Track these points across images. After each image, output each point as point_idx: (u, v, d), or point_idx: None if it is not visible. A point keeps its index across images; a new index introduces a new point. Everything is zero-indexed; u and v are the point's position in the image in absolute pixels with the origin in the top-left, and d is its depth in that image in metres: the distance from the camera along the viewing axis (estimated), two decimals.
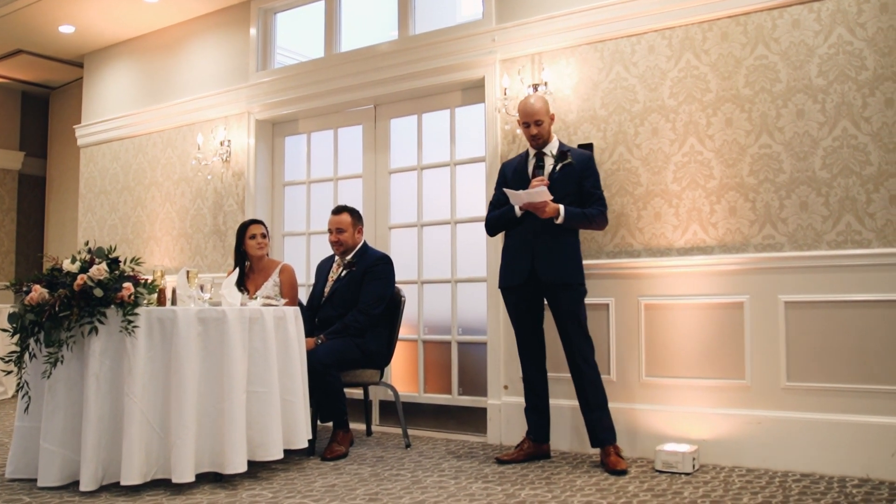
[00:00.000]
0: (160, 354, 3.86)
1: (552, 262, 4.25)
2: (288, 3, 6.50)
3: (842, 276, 4.08)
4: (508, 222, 4.40)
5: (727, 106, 4.43)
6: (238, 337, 3.98)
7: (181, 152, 6.93)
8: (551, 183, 4.26)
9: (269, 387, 4.07)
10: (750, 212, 4.33)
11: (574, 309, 4.26)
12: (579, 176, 4.32)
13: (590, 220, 4.28)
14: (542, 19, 5.02)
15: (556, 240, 4.26)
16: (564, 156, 4.35)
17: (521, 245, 4.33)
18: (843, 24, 4.18)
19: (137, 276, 4.01)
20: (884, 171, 4.03)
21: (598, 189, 4.36)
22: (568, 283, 4.26)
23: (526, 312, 4.42)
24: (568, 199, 4.27)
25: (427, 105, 5.80)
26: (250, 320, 4.09)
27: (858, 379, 4.02)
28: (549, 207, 4.18)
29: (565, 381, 4.59)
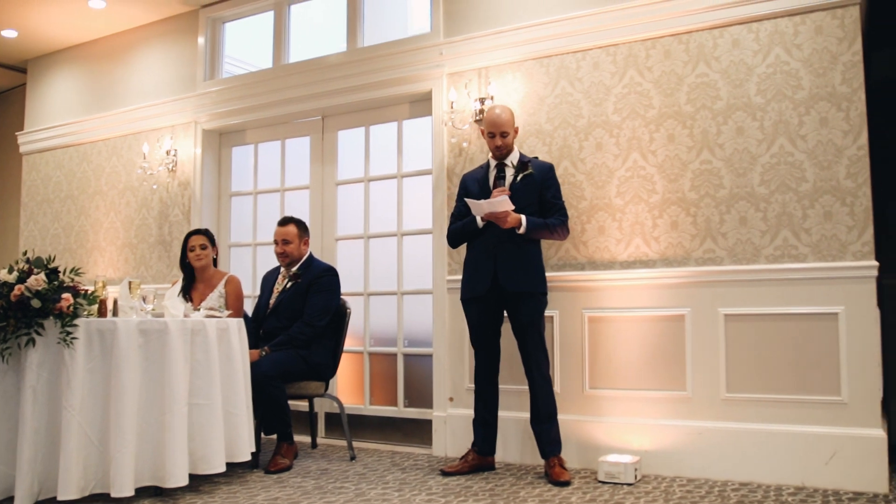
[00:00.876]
0: (100, 366, 3.80)
1: (515, 271, 4.27)
2: (237, 13, 6.47)
3: (779, 290, 4.18)
4: (470, 233, 4.42)
5: (669, 122, 4.52)
6: (180, 349, 3.93)
7: (126, 161, 6.83)
8: (512, 193, 4.29)
9: (212, 399, 4.03)
10: (691, 226, 4.41)
11: (535, 319, 4.29)
12: (540, 186, 4.37)
13: (551, 229, 4.32)
14: (489, 34, 5.07)
15: (518, 249, 4.29)
16: (525, 166, 4.39)
17: (484, 255, 4.35)
18: (780, 44, 4.29)
19: (77, 287, 3.94)
20: (819, 187, 4.13)
21: (559, 199, 4.41)
22: (530, 293, 4.28)
23: (487, 324, 4.41)
24: (529, 209, 4.31)
25: (375, 117, 5.81)
26: (192, 332, 4.04)
27: (794, 390, 4.11)
28: (510, 217, 4.21)
29: (512, 393, 4.63)
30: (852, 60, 4.14)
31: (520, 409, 4.68)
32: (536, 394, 4.28)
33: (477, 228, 4.36)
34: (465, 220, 4.42)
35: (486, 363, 4.44)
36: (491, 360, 4.45)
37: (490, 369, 4.45)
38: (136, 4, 6.49)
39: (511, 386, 4.66)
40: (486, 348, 4.43)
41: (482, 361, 4.45)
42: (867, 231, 4.04)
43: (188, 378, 3.96)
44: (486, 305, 4.37)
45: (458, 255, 5.06)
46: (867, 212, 4.05)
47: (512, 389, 4.68)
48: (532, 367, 4.28)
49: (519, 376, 4.53)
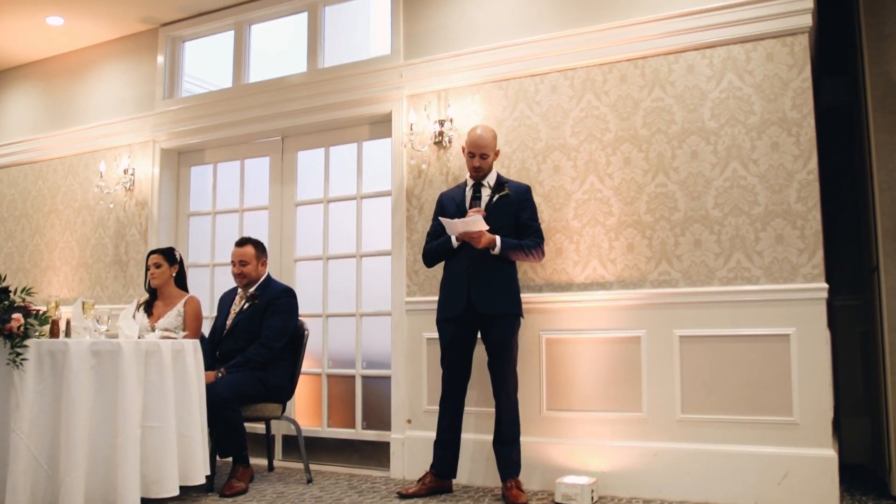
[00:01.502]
0: (50, 388, 3.73)
1: (488, 292, 4.26)
2: (197, 32, 6.44)
3: (732, 312, 4.24)
4: (445, 253, 4.42)
5: (626, 146, 4.57)
6: (133, 370, 3.87)
7: (83, 180, 6.75)
8: (488, 214, 4.30)
9: (165, 421, 3.97)
10: (647, 248, 4.46)
11: (507, 341, 4.27)
12: (516, 208, 4.37)
13: (526, 251, 4.32)
14: (448, 57, 5.11)
15: (492, 270, 4.28)
16: (501, 187, 4.40)
17: (458, 276, 4.34)
18: (733, 70, 4.37)
19: (29, 307, 3.88)
20: (770, 211, 4.21)
21: (534, 221, 4.41)
22: (503, 314, 4.26)
23: (460, 345, 4.37)
24: (504, 230, 4.31)
25: (335, 138, 5.81)
26: (147, 353, 3.99)
27: (748, 410, 4.16)
28: (484, 237, 4.22)
29: (471, 415, 4.64)
30: (802, 87, 4.23)
31: (478, 431, 4.68)
32: (502, 416, 4.27)
33: (452, 248, 4.36)
34: (441, 240, 4.42)
35: (454, 384, 4.40)
36: (460, 381, 4.40)
37: (458, 390, 4.41)
38: (94, 22, 6.44)
39: (472, 408, 4.65)
40: (457, 369, 4.39)
41: (450, 382, 4.40)
42: (817, 254, 4.11)
43: (141, 400, 3.90)
44: (460, 326, 4.34)
45: (418, 277, 5.06)
46: (817, 235, 4.13)
47: (472, 411, 4.67)
48: (501, 388, 4.26)
49: (481, 398, 4.55)
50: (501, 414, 4.28)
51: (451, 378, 4.40)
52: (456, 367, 4.39)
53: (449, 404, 4.41)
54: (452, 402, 4.41)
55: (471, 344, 4.40)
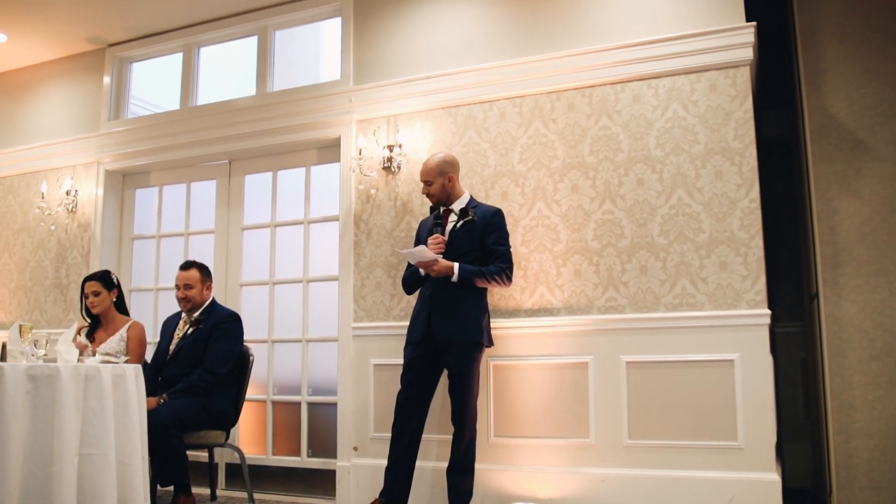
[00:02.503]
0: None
1: (447, 319, 4.21)
2: (145, 53, 6.37)
3: (678, 337, 4.28)
4: (416, 281, 4.40)
5: (573, 173, 4.62)
6: (72, 395, 3.75)
7: (24, 200, 6.60)
8: (452, 240, 4.29)
9: (105, 449, 3.84)
10: (594, 275, 4.50)
11: (464, 368, 4.18)
12: (481, 233, 4.32)
13: (488, 277, 4.24)
14: (398, 83, 5.12)
15: (452, 297, 4.23)
16: (466, 213, 4.36)
17: (422, 302, 4.32)
18: (677, 100, 4.45)
19: None
20: (714, 238, 4.28)
21: (500, 245, 4.32)
22: (461, 341, 4.19)
23: (418, 369, 4.30)
24: (469, 255, 4.27)
25: (283, 162, 5.77)
26: (86, 378, 3.86)
27: (693, 435, 4.19)
28: (437, 265, 4.19)
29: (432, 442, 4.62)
30: (744, 118, 4.33)
31: (429, 458, 4.63)
32: (459, 445, 4.21)
33: (420, 276, 4.35)
34: (411, 269, 4.43)
35: (410, 406, 4.28)
36: (417, 404, 4.30)
37: (414, 413, 4.29)
38: (39, 40, 6.33)
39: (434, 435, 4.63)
40: (413, 390, 4.29)
41: (406, 403, 4.29)
42: (760, 280, 4.19)
43: (79, 426, 3.77)
44: (420, 349, 4.29)
45: (365, 303, 5.03)
46: (760, 262, 4.20)
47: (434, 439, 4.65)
48: (457, 416, 4.20)
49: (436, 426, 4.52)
50: (458, 443, 4.22)
51: (406, 399, 4.30)
52: (413, 388, 4.30)
53: (404, 427, 4.29)
54: (408, 425, 4.29)
55: (431, 369, 4.32)
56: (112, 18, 6.01)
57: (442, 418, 4.59)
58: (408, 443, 4.29)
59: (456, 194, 4.45)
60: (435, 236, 4.32)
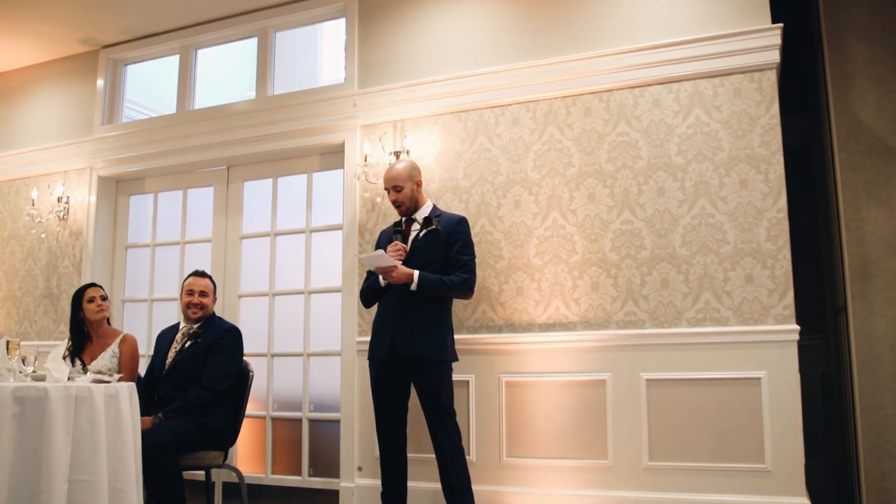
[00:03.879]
0: None
1: (411, 335, 3.98)
2: (140, 55, 6.16)
3: (701, 354, 4.08)
4: (376, 292, 4.16)
5: (590, 181, 4.42)
6: (61, 419, 3.51)
7: (13, 207, 6.36)
8: (414, 249, 4.07)
9: (97, 475, 3.60)
10: (612, 288, 4.29)
11: (434, 388, 3.97)
12: (445, 241, 4.08)
13: (449, 287, 4.00)
14: (405, 86, 4.91)
15: (416, 310, 3.99)
16: (429, 221, 4.13)
17: (384, 317, 4.09)
18: (700, 105, 4.26)
19: None
20: (740, 249, 4.08)
21: (464, 255, 4.09)
22: (427, 359, 3.97)
23: (387, 388, 4.10)
24: (433, 266, 4.03)
25: (284, 168, 5.55)
26: (77, 399, 3.62)
27: (718, 457, 3.99)
28: (396, 272, 3.94)
29: (426, 462, 4.38)
30: (770, 123, 4.14)
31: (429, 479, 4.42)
32: (446, 464, 3.96)
33: (380, 287, 4.12)
34: (371, 279, 4.19)
35: (388, 429, 4.11)
36: (394, 426, 4.11)
37: (394, 436, 4.11)
38: (30, 41, 6.11)
39: (422, 454, 4.41)
40: (388, 413, 4.10)
41: (383, 427, 4.12)
42: (788, 294, 3.99)
43: (70, 452, 3.53)
44: (386, 367, 4.07)
45: (369, 315, 4.81)
46: (788, 275, 4.01)
47: (424, 458, 4.43)
48: (439, 437, 3.96)
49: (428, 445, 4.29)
50: (445, 462, 3.98)
51: (385, 426, 4.12)
52: (383, 409, 4.11)
53: (389, 453, 4.11)
54: (393, 450, 4.11)
55: (400, 387, 4.11)
56: (106, 19, 5.80)
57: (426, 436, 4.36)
58: (393, 471, 4.11)
59: (420, 202, 4.23)
60: (395, 243, 4.08)
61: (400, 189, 4.14)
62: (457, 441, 3.99)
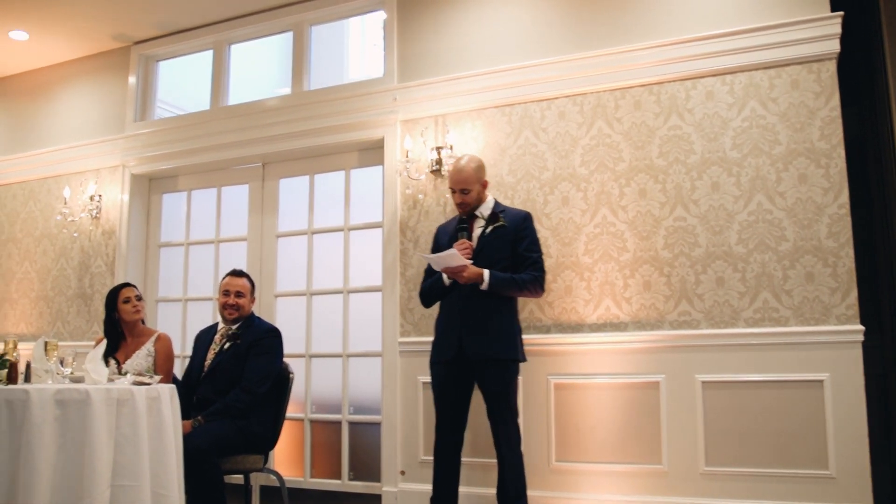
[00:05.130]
0: (7, 443, 3.25)
1: (480, 335, 3.84)
2: (172, 51, 6.06)
3: (760, 355, 3.93)
4: (439, 291, 4.02)
5: (641, 176, 4.27)
6: (103, 422, 3.42)
7: (45, 206, 6.30)
8: (481, 247, 3.92)
9: (139, 479, 3.51)
10: (665, 287, 4.15)
11: (503, 389, 3.83)
12: (513, 238, 3.94)
13: (520, 285, 3.87)
14: (446, 80, 4.78)
15: (486, 311, 3.86)
16: (496, 217, 3.97)
17: (451, 317, 3.94)
18: (755, 97, 4.11)
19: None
20: (799, 247, 3.92)
21: (532, 252, 3.95)
22: (497, 360, 3.83)
23: (451, 390, 3.96)
24: (500, 264, 3.89)
25: (320, 165, 5.44)
26: (118, 402, 3.53)
27: (779, 463, 3.84)
28: (467, 272, 3.80)
29: (475, 467, 4.28)
30: (830, 116, 3.98)
31: (482, 485, 4.30)
32: (505, 470, 3.83)
33: (444, 286, 3.97)
34: (433, 278, 4.03)
35: (445, 432, 3.98)
36: (452, 429, 3.98)
37: (451, 439, 3.99)
38: (62, 38, 6.03)
39: (474, 459, 4.29)
40: (447, 416, 3.98)
41: (441, 429, 3.99)
42: (851, 293, 3.83)
43: (112, 456, 3.44)
44: (452, 370, 3.93)
45: (412, 316, 4.70)
46: (851, 273, 3.85)
47: (476, 463, 4.31)
48: (501, 440, 3.84)
49: (483, 449, 4.17)
50: (504, 467, 3.85)
51: (441, 425, 3.99)
52: (447, 413, 3.98)
53: (444, 457, 3.98)
54: (449, 454, 3.98)
55: (465, 389, 3.99)
56: (138, 14, 5.71)
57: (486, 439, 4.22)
58: (450, 470, 3.97)
59: (483, 198, 4.08)
60: (461, 241, 3.93)
61: (467, 192, 3.98)
62: (517, 446, 3.86)
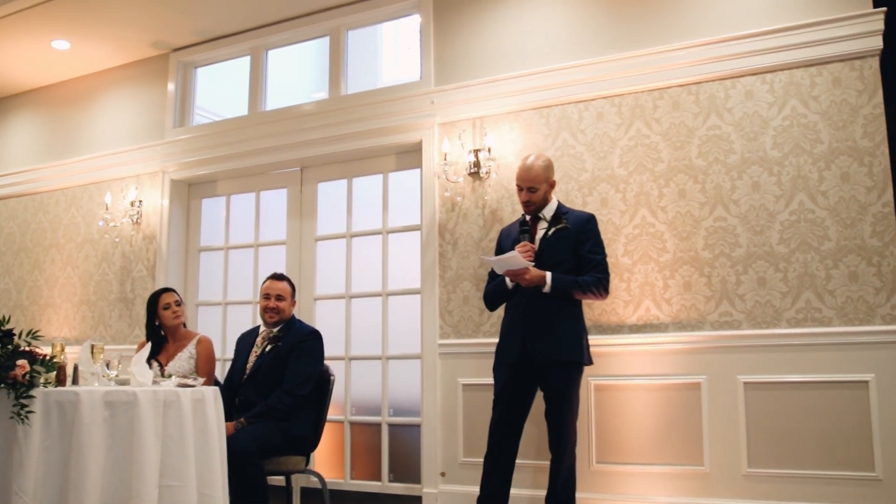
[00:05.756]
0: (58, 444, 3.32)
1: (543, 338, 3.82)
2: (210, 58, 6.14)
3: (803, 356, 3.90)
4: (502, 294, 4.02)
5: (680, 177, 4.26)
6: (150, 423, 3.47)
7: (87, 212, 6.40)
8: (542, 248, 3.91)
9: (185, 480, 3.56)
10: (706, 287, 4.13)
11: (564, 391, 3.81)
12: (576, 240, 3.92)
13: (584, 287, 3.85)
14: (484, 82, 4.80)
15: (548, 312, 3.84)
16: (559, 219, 3.96)
17: (513, 320, 3.94)
18: (796, 96, 4.08)
19: (34, 352, 3.49)
20: (842, 246, 3.89)
21: (596, 254, 3.93)
22: (561, 362, 3.81)
23: (513, 393, 3.94)
24: (563, 265, 3.87)
25: (358, 169, 5.48)
26: (165, 404, 3.58)
27: (823, 465, 3.81)
28: (529, 274, 3.80)
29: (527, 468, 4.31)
30: (874, 113, 3.94)
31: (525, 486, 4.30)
32: (558, 473, 3.82)
33: (507, 289, 3.97)
34: (497, 281, 4.03)
35: (502, 432, 3.93)
36: (510, 430, 3.94)
37: (507, 440, 3.94)
38: (102, 46, 6.13)
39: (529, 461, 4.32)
40: (506, 417, 3.93)
41: (500, 431, 3.93)
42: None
43: (159, 456, 3.49)
44: (514, 372, 3.91)
45: (452, 318, 4.72)
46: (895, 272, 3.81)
47: (529, 464, 4.34)
48: (556, 442, 3.82)
49: (531, 451, 4.18)
50: (557, 470, 3.83)
51: (499, 428, 3.94)
52: (506, 414, 3.94)
53: (499, 456, 3.93)
54: (503, 453, 3.94)
55: (526, 393, 3.96)
56: (177, 22, 5.79)
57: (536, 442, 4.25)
58: (503, 472, 3.94)
59: (547, 199, 4.07)
60: (523, 244, 3.91)
61: (535, 190, 3.96)
62: (572, 450, 3.85)
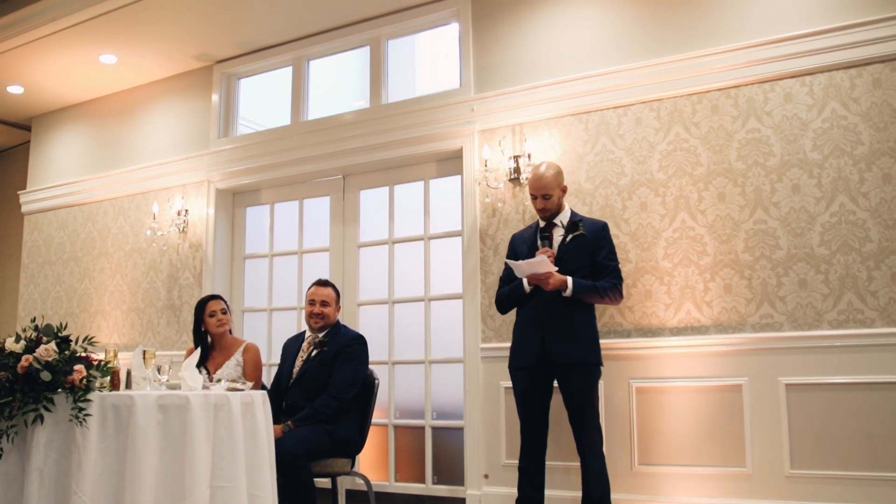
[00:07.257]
0: (114, 446, 3.44)
1: (564, 340, 3.92)
2: (253, 69, 6.27)
3: (845, 357, 3.91)
4: (518, 298, 4.10)
5: (719, 180, 4.29)
6: (202, 426, 3.58)
7: (134, 221, 6.56)
8: (561, 254, 4.00)
9: (236, 481, 3.66)
10: (746, 290, 4.15)
11: (586, 391, 3.91)
12: (592, 247, 4.03)
13: (602, 293, 3.95)
14: (523, 89, 4.86)
15: (567, 316, 3.94)
16: (576, 226, 4.07)
17: (531, 323, 4.02)
18: (836, 98, 4.08)
19: (90, 358, 3.62)
20: (884, 247, 3.89)
21: (611, 261, 4.05)
22: (581, 363, 3.91)
23: (536, 396, 4.04)
24: (580, 272, 3.97)
25: (399, 176, 5.57)
26: (215, 407, 3.69)
27: (866, 466, 3.81)
28: (553, 279, 3.89)
29: (558, 470, 4.34)
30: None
31: (565, 488, 4.35)
32: (588, 474, 3.89)
33: (524, 293, 4.05)
34: (513, 285, 4.12)
35: (533, 437, 4.05)
36: (538, 434, 4.06)
37: (538, 444, 4.05)
38: (148, 59, 6.30)
39: (558, 462, 4.34)
40: (534, 421, 4.05)
41: (529, 435, 4.06)
42: None
43: (210, 458, 3.60)
44: (534, 375, 4.01)
45: (493, 322, 4.78)
46: None
47: (559, 466, 4.36)
48: (584, 443, 3.91)
49: (566, 452, 4.22)
50: (588, 471, 3.91)
51: (530, 434, 4.05)
52: (532, 419, 4.05)
53: (530, 461, 4.04)
54: (535, 458, 4.05)
55: (547, 394, 4.06)
56: (220, 34, 5.92)
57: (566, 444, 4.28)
58: (533, 479, 4.04)
59: (561, 206, 4.17)
60: (545, 249, 4.02)
61: (549, 197, 4.07)
62: (599, 449, 3.92)
